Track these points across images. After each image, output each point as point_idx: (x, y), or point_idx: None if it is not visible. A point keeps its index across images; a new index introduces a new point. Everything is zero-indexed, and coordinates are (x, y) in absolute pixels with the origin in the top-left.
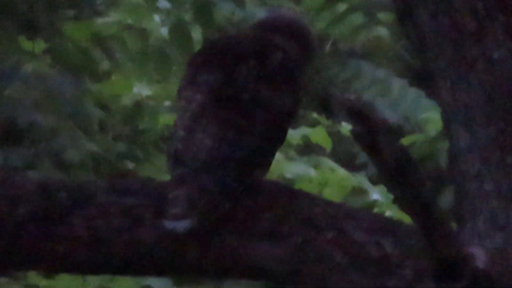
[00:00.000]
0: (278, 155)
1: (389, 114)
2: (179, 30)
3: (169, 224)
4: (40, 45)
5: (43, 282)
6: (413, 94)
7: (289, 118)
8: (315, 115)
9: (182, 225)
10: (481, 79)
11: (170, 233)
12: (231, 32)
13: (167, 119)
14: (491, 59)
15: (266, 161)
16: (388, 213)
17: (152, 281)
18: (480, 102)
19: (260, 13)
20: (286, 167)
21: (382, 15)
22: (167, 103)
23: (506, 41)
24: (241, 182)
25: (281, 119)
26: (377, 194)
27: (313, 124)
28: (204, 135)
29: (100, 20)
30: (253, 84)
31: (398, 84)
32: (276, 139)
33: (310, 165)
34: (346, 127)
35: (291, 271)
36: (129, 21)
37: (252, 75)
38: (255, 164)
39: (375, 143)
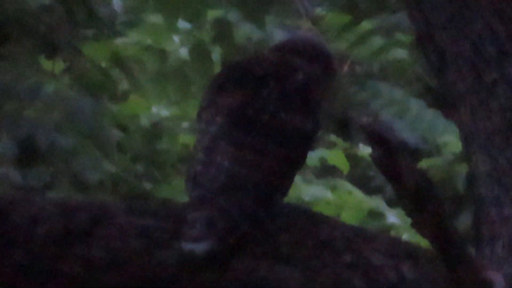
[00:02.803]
0: (295, 178)
1: (407, 135)
2: (199, 51)
3: (187, 246)
4: (59, 65)
5: None
6: (431, 115)
7: (309, 141)
8: (332, 137)
9: (200, 247)
10: (501, 103)
11: (188, 255)
12: (251, 53)
13: (185, 140)
14: (511, 84)
15: (285, 184)
16: (405, 237)
17: None
18: (500, 126)
19: (279, 34)
20: (303, 189)
21: (400, 36)
22: (185, 124)
23: None
24: (260, 205)
25: (301, 141)
26: (394, 217)
27: (331, 146)
28: (223, 157)
29: (119, 41)
30: (272, 106)
31: (416, 105)
32: (296, 162)
33: (327, 187)
34: (363, 150)
35: None
36: (149, 41)
37: (272, 97)
38: (275, 187)
39: (394, 167)
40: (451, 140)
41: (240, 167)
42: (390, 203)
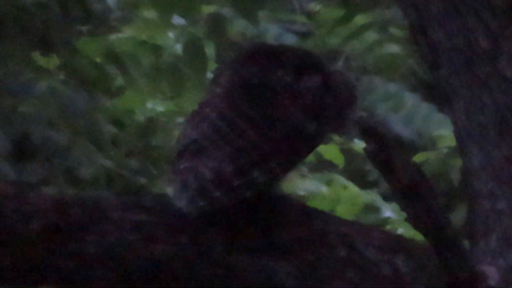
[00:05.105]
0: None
1: (401, 129)
2: (193, 47)
3: None
4: (54, 61)
5: None
6: (426, 109)
7: (307, 141)
8: None
9: None
10: (495, 98)
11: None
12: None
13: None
14: (504, 78)
15: (267, 166)
16: (400, 231)
17: None
18: (493, 121)
19: (273, 30)
20: (298, 184)
21: (394, 31)
22: (180, 119)
23: None
24: (236, 174)
25: (297, 137)
26: (389, 211)
27: (326, 140)
28: (211, 110)
29: (114, 36)
30: (279, 88)
31: (410, 99)
32: (285, 152)
33: (322, 182)
34: (358, 145)
35: None
36: (143, 37)
37: (282, 81)
38: (253, 162)
39: (389, 161)
40: (446, 134)
41: (225, 125)
42: (386, 198)
